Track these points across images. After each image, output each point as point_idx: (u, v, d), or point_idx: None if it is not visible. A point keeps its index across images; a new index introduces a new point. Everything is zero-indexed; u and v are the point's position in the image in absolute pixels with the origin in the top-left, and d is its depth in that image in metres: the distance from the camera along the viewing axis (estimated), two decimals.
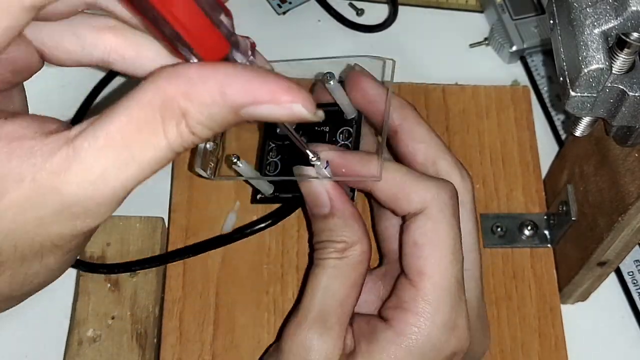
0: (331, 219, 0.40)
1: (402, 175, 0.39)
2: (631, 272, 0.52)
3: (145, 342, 0.46)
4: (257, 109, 0.28)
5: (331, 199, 0.40)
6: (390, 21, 0.60)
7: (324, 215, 0.40)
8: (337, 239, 0.39)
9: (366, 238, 0.40)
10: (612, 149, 0.41)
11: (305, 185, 0.40)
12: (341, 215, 0.40)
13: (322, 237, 0.40)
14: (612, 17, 0.34)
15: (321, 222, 0.40)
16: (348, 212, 0.40)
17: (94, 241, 0.48)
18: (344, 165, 0.40)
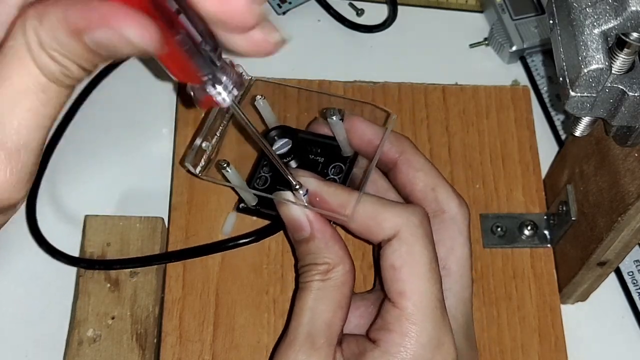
0: (312, 242, 0.41)
1: (371, 205, 0.41)
2: (631, 272, 0.52)
3: (145, 342, 0.46)
4: (94, 34, 0.28)
5: (310, 223, 0.41)
6: (390, 22, 0.60)
7: (305, 240, 0.41)
8: (319, 262, 0.41)
9: (348, 258, 0.41)
10: (612, 149, 0.41)
11: (285, 210, 0.42)
12: (321, 237, 0.41)
13: (306, 261, 0.41)
14: (612, 17, 0.34)
15: (303, 246, 0.42)
16: (328, 234, 0.41)
17: (94, 241, 0.48)
18: (320, 196, 0.41)
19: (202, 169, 0.44)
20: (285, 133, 0.45)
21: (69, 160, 0.54)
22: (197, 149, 0.43)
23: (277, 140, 0.45)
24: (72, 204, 0.52)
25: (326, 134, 0.46)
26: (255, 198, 0.46)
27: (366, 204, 0.41)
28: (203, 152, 0.44)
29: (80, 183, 0.53)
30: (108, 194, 0.53)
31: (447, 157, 0.53)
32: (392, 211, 0.40)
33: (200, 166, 0.43)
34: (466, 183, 0.52)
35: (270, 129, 0.46)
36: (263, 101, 0.46)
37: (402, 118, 0.54)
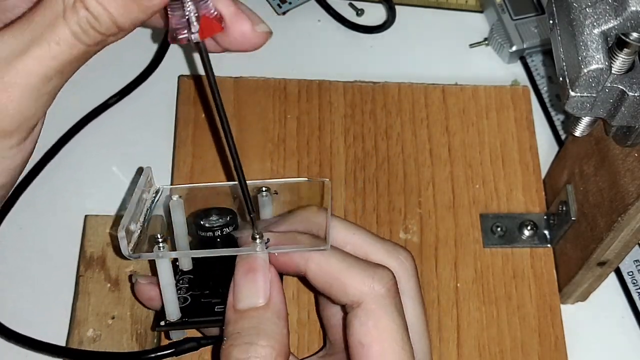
0: (264, 313, 0.36)
1: (337, 262, 0.37)
2: (631, 272, 0.52)
3: (145, 342, 0.46)
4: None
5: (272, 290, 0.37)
6: (389, 23, 0.60)
7: (254, 309, 0.37)
8: (262, 342, 0.35)
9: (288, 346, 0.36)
10: (612, 149, 0.41)
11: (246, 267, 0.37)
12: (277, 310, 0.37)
13: (246, 338, 0.36)
14: (612, 17, 0.34)
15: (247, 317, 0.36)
16: (284, 312, 0.37)
17: (94, 241, 0.48)
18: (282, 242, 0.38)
19: (133, 247, 0.39)
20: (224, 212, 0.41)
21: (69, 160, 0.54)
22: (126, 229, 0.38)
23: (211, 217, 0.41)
24: (72, 204, 0.52)
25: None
26: (178, 310, 0.40)
27: (330, 258, 0.37)
28: (131, 233, 0.39)
29: (80, 183, 0.53)
30: (108, 194, 0.53)
31: (447, 157, 0.53)
32: (357, 276, 0.37)
33: (131, 247, 0.38)
34: (466, 183, 0.52)
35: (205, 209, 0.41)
36: (178, 200, 0.41)
37: (402, 118, 0.54)
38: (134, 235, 0.39)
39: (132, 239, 0.38)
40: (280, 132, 0.53)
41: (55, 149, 0.54)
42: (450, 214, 0.51)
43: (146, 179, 0.41)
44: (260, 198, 0.41)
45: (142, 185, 0.41)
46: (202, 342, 0.43)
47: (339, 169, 0.52)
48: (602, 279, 0.48)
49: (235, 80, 0.55)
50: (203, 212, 0.41)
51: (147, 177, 0.41)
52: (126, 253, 0.38)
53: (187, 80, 0.55)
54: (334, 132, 0.54)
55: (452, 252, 0.50)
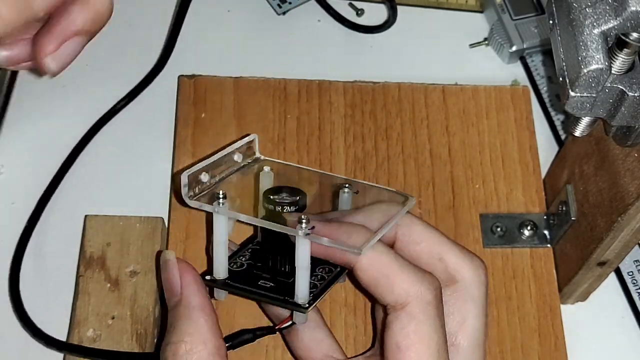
0: (177, 309, 0.37)
1: (388, 260, 0.37)
2: (631, 272, 0.52)
3: (145, 342, 0.46)
4: None
5: (182, 285, 0.38)
6: (390, 23, 0.60)
7: (174, 305, 0.38)
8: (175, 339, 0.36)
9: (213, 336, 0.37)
10: (612, 149, 0.41)
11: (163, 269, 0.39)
12: (187, 304, 0.37)
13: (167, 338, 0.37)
14: (612, 18, 0.34)
15: (170, 314, 0.38)
16: (197, 301, 0.37)
17: (94, 241, 0.48)
18: (327, 233, 0.38)
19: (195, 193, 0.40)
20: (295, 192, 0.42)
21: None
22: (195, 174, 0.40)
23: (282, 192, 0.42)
24: (72, 204, 0.52)
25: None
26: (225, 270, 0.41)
27: (382, 256, 0.37)
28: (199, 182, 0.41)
29: (80, 183, 0.53)
30: (108, 194, 0.53)
31: (447, 157, 0.53)
32: (407, 277, 0.37)
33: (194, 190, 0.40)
34: (466, 183, 0.52)
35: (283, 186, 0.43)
36: (269, 172, 0.44)
37: (402, 118, 0.54)
38: (201, 185, 0.41)
39: (197, 188, 0.40)
40: (280, 132, 0.53)
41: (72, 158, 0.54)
42: (450, 214, 0.51)
43: (245, 143, 0.43)
44: (341, 194, 0.42)
45: (236, 146, 0.43)
46: (258, 333, 0.42)
47: (339, 169, 0.52)
48: (602, 279, 0.48)
49: (235, 80, 0.55)
50: (279, 188, 0.42)
51: (246, 142, 0.43)
52: (185, 198, 0.40)
53: (187, 80, 0.55)
54: (334, 132, 0.54)
55: None
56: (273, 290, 0.40)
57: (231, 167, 0.43)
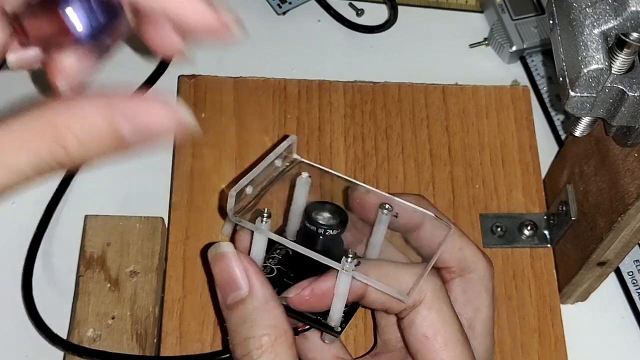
0: (249, 302, 0.36)
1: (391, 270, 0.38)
2: (631, 272, 0.52)
3: (145, 342, 0.46)
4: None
5: (249, 278, 0.36)
6: (390, 23, 0.60)
7: (240, 301, 0.36)
8: (257, 333, 0.36)
9: (288, 325, 0.37)
10: (612, 149, 0.41)
11: (220, 264, 0.37)
12: (261, 296, 0.36)
13: (241, 334, 0.36)
14: (612, 17, 0.34)
15: (236, 311, 0.36)
16: (269, 292, 0.37)
17: (94, 241, 0.48)
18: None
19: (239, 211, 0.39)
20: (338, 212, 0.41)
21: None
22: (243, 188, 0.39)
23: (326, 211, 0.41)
24: (72, 204, 0.52)
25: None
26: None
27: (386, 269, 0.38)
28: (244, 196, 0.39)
29: (80, 183, 0.53)
30: (108, 194, 0.53)
31: (447, 157, 0.53)
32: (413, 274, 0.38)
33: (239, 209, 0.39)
34: (466, 183, 0.52)
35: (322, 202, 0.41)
36: (307, 179, 0.42)
37: (402, 118, 0.54)
38: (246, 198, 0.39)
39: (241, 202, 0.39)
40: (280, 132, 0.53)
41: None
42: (450, 214, 0.51)
43: (286, 147, 0.41)
44: (380, 213, 0.40)
45: (278, 152, 0.41)
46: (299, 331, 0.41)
47: (339, 169, 0.52)
48: (602, 279, 0.48)
49: (235, 80, 0.55)
50: (322, 203, 0.41)
51: (287, 145, 0.41)
52: (230, 214, 0.38)
53: (187, 80, 0.55)
54: (334, 132, 0.54)
55: None
56: None
57: (272, 173, 0.42)
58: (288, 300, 0.37)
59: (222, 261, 0.37)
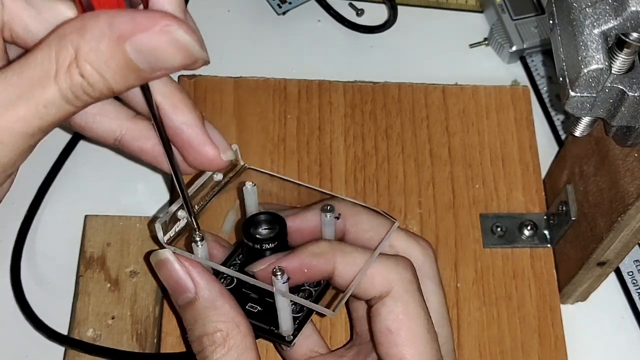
0: (198, 303, 0.37)
1: (362, 259, 0.38)
2: (631, 272, 0.52)
3: (145, 342, 0.46)
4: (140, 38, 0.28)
5: (194, 280, 0.37)
6: (390, 23, 0.60)
7: (189, 302, 0.38)
8: (209, 330, 0.37)
9: (242, 318, 0.37)
10: (612, 149, 0.41)
11: (164, 271, 0.38)
12: (208, 296, 0.37)
13: (195, 332, 0.37)
14: (612, 17, 0.34)
15: (188, 311, 0.38)
16: (215, 291, 0.37)
17: (94, 241, 0.48)
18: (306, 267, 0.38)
19: (171, 238, 0.39)
20: (273, 221, 0.41)
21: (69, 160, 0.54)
22: (172, 215, 0.39)
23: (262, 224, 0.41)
24: (72, 204, 0.52)
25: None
26: None
27: (355, 256, 0.38)
28: (177, 220, 0.39)
29: (80, 183, 0.53)
30: (108, 194, 0.53)
31: (447, 157, 0.53)
32: (383, 266, 0.38)
33: (169, 235, 0.39)
34: (466, 183, 0.52)
35: (259, 213, 0.41)
36: (252, 188, 0.42)
37: (402, 118, 0.54)
38: (179, 223, 0.39)
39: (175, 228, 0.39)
40: (280, 132, 0.53)
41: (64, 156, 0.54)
42: (450, 214, 0.51)
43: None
44: (323, 217, 0.41)
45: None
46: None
47: (339, 169, 0.52)
48: (602, 279, 0.48)
49: (235, 80, 0.55)
50: (258, 217, 0.41)
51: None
52: (164, 244, 0.39)
53: (187, 80, 0.55)
54: (334, 132, 0.54)
55: (452, 252, 0.50)
56: (260, 317, 0.40)
57: (213, 188, 0.42)
58: (256, 274, 0.38)
59: (165, 267, 0.38)
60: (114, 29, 0.28)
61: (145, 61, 0.29)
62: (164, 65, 0.29)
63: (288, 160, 0.52)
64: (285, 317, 0.39)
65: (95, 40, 0.28)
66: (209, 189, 0.41)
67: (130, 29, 0.28)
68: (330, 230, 0.41)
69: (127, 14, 0.29)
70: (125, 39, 0.28)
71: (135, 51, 0.29)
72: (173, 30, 0.28)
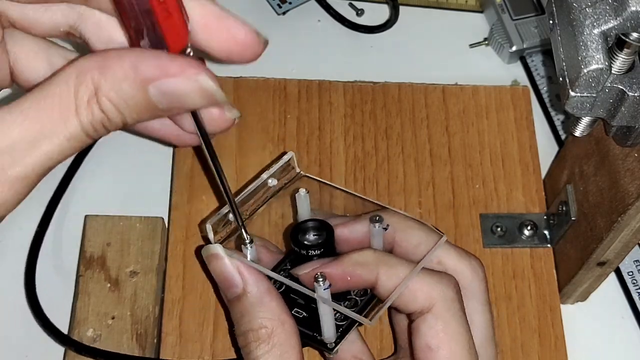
0: (245, 299, 0.38)
1: (405, 272, 0.38)
2: (631, 272, 0.52)
3: (145, 342, 0.46)
4: (165, 83, 0.29)
5: (242, 276, 0.38)
6: (391, 23, 0.60)
7: (237, 297, 0.38)
8: (255, 326, 0.37)
9: (287, 316, 0.38)
10: (612, 149, 0.41)
11: (214, 265, 0.39)
12: (255, 292, 0.38)
13: (242, 327, 0.38)
14: (612, 17, 0.34)
15: (236, 305, 0.39)
16: (263, 288, 0.38)
17: (94, 241, 0.48)
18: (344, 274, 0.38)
19: (221, 238, 0.40)
20: (321, 227, 0.41)
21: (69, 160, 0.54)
22: (223, 215, 0.40)
23: (310, 230, 0.41)
24: (72, 204, 0.52)
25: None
26: None
27: (399, 268, 0.38)
28: (227, 221, 0.40)
29: (80, 183, 0.53)
30: (108, 194, 0.53)
31: (447, 157, 0.53)
32: (426, 281, 0.38)
33: (220, 233, 0.40)
34: (466, 183, 0.52)
35: (308, 220, 0.42)
36: (305, 195, 0.43)
37: (402, 118, 0.54)
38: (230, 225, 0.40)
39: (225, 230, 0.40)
40: (280, 132, 0.53)
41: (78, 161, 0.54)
42: (450, 214, 0.51)
43: (281, 166, 0.42)
44: (371, 228, 0.41)
45: (271, 172, 0.42)
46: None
47: (339, 169, 0.52)
48: (602, 279, 0.48)
49: (235, 80, 0.55)
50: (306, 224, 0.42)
51: (282, 164, 0.42)
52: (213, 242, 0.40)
53: None
54: (334, 132, 0.54)
55: None
56: (305, 322, 0.40)
57: (267, 192, 0.43)
58: (300, 278, 0.39)
59: (215, 261, 0.39)
60: (138, 73, 0.29)
61: (166, 102, 0.30)
62: (184, 106, 0.31)
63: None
64: (327, 323, 0.39)
65: (118, 81, 0.29)
66: (262, 193, 0.42)
67: (155, 74, 0.29)
68: (379, 241, 0.41)
69: (153, 58, 0.29)
70: (149, 82, 0.29)
71: (158, 94, 0.30)
72: (200, 79, 0.30)
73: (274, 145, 0.53)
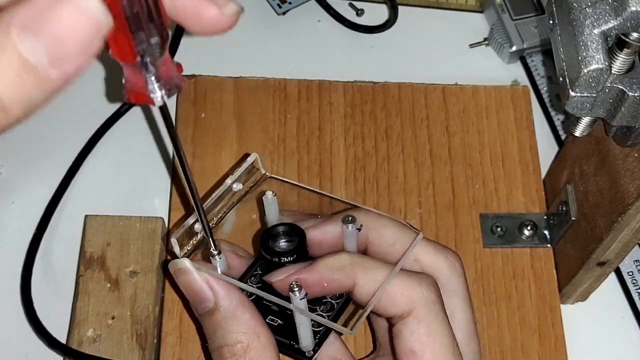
0: (217, 313, 0.37)
1: (383, 276, 0.37)
2: (631, 272, 0.52)
3: (145, 342, 0.46)
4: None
5: (213, 289, 0.37)
6: (390, 23, 0.60)
7: (209, 311, 0.37)
8: (230, 341, 0.36)
9: (263, 327, 0.37)
10: (612, 149, 0.41)
11: (183, 280, 0.37)
12: (228, 306, 0.36)
13: (215, 342, 0.37)
14: (612, 17, 0.34)
15: (208, 320, 0.37)
16: (235, 301, 0.37)
17: (94, 241, 0.48)
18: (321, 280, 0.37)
19: (188, 252, 0.39)
20: (292, 232, 0.40)
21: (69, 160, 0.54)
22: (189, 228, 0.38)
23: (281, 236, 0.40)
24: (72, 204, 0.52)
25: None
26: None
27: (377, 272, 0.37)
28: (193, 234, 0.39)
29: (80, 183, 0.53)
30: (108, 194, 0.53)
31: (447, 157, 0.53)
32: (406, 284, 0.37)
33: (186, 249, 0.39)
34: (466, 183, 0.52)
35: (277, 224, 0.41)
36: (272, 198, 0.41)
37: (402, 118, 0.54)
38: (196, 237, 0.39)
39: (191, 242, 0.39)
40: (280, 132, 0.53)
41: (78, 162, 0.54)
42: (450, 214, 0.51)
43: (245, 169, 0.41)
44: (344, 229, 0.40)
45: (235, 177, 0.41)
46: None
47: (339, 169, 0.52)
48: (602, 279, 0.48)
49: (235, 80, 0.55)
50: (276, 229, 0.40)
51: (245, 168, 0.41)
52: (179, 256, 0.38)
53: (187, 80, 0.55)
54: (334, 132, 0.54)
55: None
56: (281, 331, 0.39)
57: (231, 198, 0.41)
58: (274, 285, 0.37)
59: (183, 276, 0.37)
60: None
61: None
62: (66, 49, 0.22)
63: (288, 160, 0.52)
64: (305, 332, 0.38)
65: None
66: (228, 199, 0.41)
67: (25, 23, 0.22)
68: (352, 242, 0.40)
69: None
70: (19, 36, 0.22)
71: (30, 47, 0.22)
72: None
73: (273, 145, 0.53)
